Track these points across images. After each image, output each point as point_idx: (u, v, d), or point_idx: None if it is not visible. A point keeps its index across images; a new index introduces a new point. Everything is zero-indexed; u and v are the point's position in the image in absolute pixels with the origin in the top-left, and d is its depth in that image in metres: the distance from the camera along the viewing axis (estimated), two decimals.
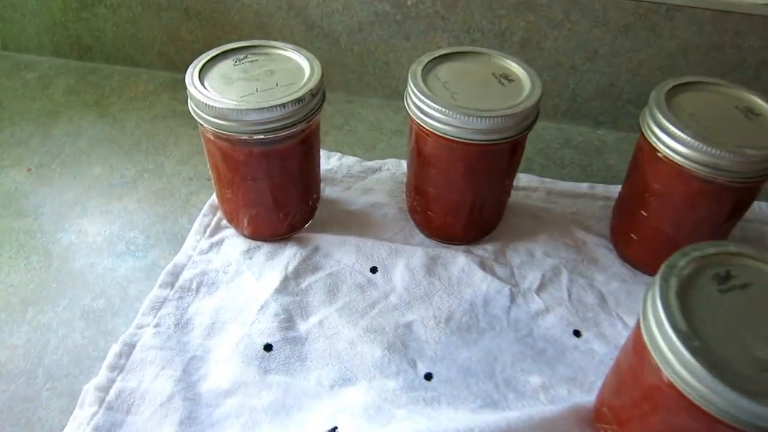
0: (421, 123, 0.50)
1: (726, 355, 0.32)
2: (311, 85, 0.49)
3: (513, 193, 0.62)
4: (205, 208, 0.59)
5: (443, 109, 0.48)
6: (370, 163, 0.65)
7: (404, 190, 0.60)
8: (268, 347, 0.49)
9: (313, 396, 0.46)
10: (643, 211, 0.53)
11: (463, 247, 0.57)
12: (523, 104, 0.49)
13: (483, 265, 0.55)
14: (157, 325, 0.50)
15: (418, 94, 0.49)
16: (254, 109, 0.47)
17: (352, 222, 0.59)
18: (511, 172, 0.55)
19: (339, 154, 0.66)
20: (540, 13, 0.67)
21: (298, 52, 0.53)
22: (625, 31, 0.66)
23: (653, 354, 0.34)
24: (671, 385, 0.33)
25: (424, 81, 0.51)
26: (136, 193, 0.62)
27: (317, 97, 0.50)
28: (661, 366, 0.33)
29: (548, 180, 0.65)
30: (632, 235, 0.55)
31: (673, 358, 0.33)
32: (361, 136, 0.71)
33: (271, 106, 0.47)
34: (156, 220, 0.59)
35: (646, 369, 0.35)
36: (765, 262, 0.37)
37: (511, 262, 0.56)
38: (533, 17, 0.67)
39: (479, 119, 0.47)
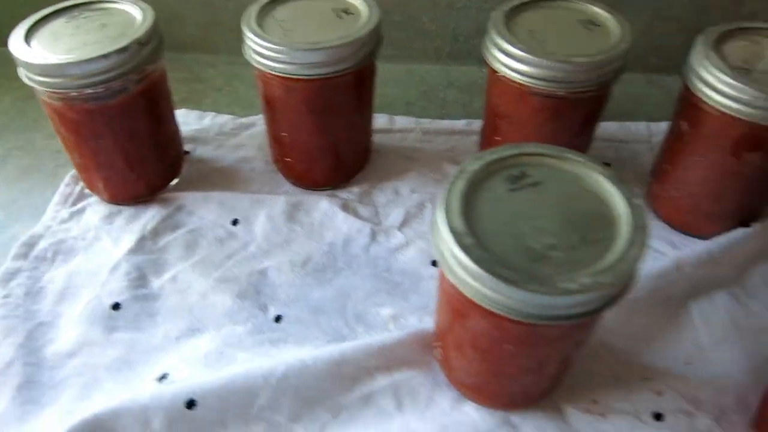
0: (258, 66, 0.49)
1: (499, 249, 0.31)
2: (138, 33, 0.48)
3: (387, 136, 0.61)
4: (67, 178, 0.58)
5: (274, 47, 0.47)
6: (243, 120, 0.64)
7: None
8: (116, 306, 0.48)
9: (159, 349, 0.45)
10: (497, 137, 0.52)
11: (328, 191, 0.56)
12: (358, 33, 0.47)
13: (346, 207, 0.54)
14: (6, 296, 0.49)
15: (251, 35, 0.48)
16: (76, 63, 0.45)
17: (220, 178, 0.58)
18: (361, 109, 0.53)
19: (213, 113, 0.65)
20: None
21: (135, 4, 0.51)
22: None
23: (437, 257, 0.33)
24: (454, 287, 0.32)
25: (260, 23, 0.49)
26: (4, 171, 0.61)
27: (148, 47, 0.49)
28: (443, 269, 0.33)
29: (425, 120, 0.64)
30: None
31: (451, 258, 0.32)
32: (242, 96, 0.70)
33: (92, 58, 0.46)
34: (20, 195, 0.58)
35: (442, 276, 0.35)
36: (563, 160, 0.36)
37: (376, 202, 0.56)
38: None
39: (310, 52, 0.46)
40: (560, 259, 0.31)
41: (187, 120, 0.64)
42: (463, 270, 0.31)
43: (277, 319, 0.47)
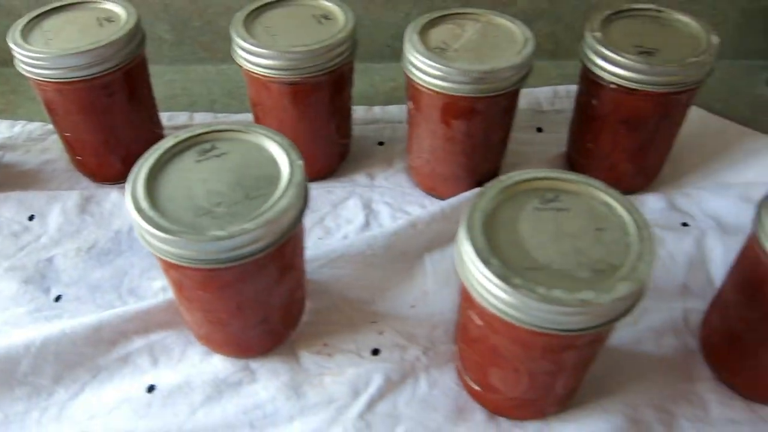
0: (28, 75, 0.54)
1: (171, 209, 0.37)
2: None
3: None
4: None
5: (35, 55, 0.51)
6: (51, 126, 0.69)
7: None
8: None
9: None
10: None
11: (119, 185, 0.61)
12: (111, 38, 0.53)
13: None
14: None
15: (16, 47, 0.53)
16: None
17: (24, 180, 0.63)
18: (138, 107, 0.59)
19: (24, 121, 0.70)
20: None
21: None
22: None
23: None
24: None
25: (25, 36, 0.54)
26: None
27: None
28: None
29: (222, 116, 0.70)
30: None
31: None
32: None
33: None
34: None
35: None
36: (249, 133, 0.42)
37: None
38: None
39: (67, 58, 0.51)
40: (222, 213, 0.37)
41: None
42: (150, 235, 0.37)
43: (57, 298, 0.52)
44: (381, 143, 0.67)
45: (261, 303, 0.42)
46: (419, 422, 0.44)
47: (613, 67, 0.51)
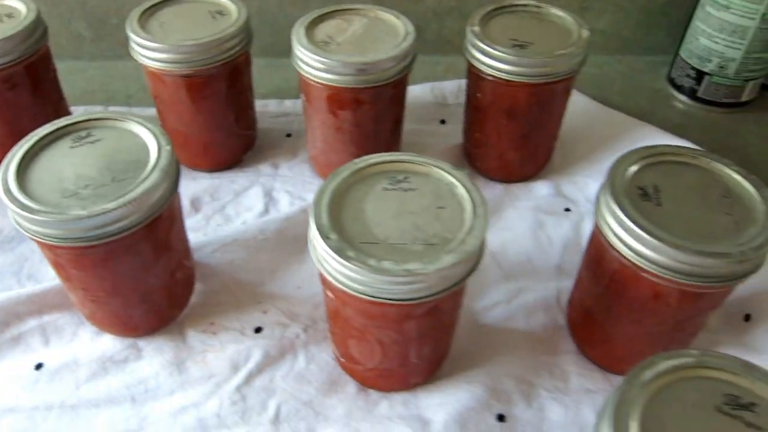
0: None
1: (40, 193, 0.39)
2: None
3: None
4: None
5: None
6: None
7: None
8: None
9: None
10: (160, 120, 0.61)
11: None
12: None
13: None
14: None
15: None
16: None
17: None
18: (23, 104, 0.60)
19: None
20: None
21: None
22: None
23: None
24: None
25: None
26: None
27: None
28: None
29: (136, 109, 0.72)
30: None
31: None
32: None
33: None
34: None
35: None
36: (125, 121, 0.44)
37: None
38: None
39: None
40: (88, 195, 0.40)
41: None
42: (18, 216, 0.39)
43: None
44: (289, 135, 0.69)
45: (137, 282, 0.44)
46: (292, 395, 0.46)
47: (489, 60, 0.54)
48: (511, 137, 0.59)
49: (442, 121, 0.71)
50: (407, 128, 0.67)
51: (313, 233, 0.37)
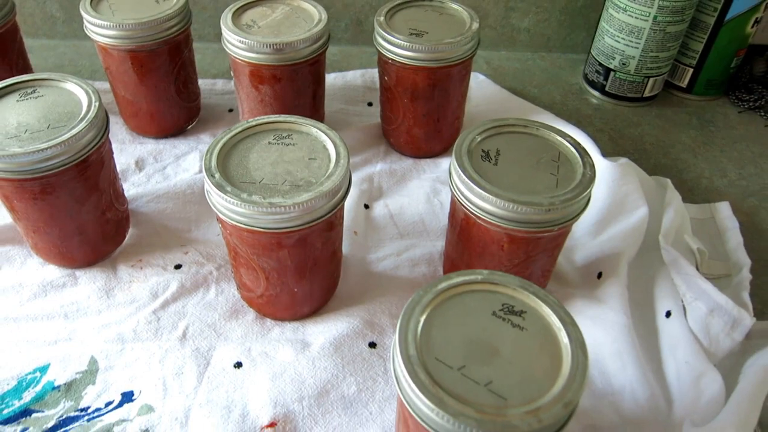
0: None
1: None
2: None
3: None
4: None
5: None
6: None
7: None
8: None
9: None
10: (114, 90, 0.70)
11: None
12: None
13: None
14: None
15: None
16: None
17: None
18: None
19: None
20: None
21: None
22: None
23: None
24: None
25: None
26: None
27: None
28: None
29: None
30: None
31: None
32: None
33: None
34: None
35: None
36: (61, 81, 0.53)
37: None
38: None
39: None
40: (26, 138, 0.49)
41: None
42: None
43: None
44: (231, 110, 0.78)
45: (71, 216, 0.53)
46: (200, 318, 0.55)
47: (391, 46, 0.63)
48: (415, 116, 0.68)
49: (369, 104, 0.80)
50: (336, 107, 0.76)
51: (204, 175, 0.46)
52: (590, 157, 0.50)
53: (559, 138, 0.52)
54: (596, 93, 0.86)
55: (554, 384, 0.35)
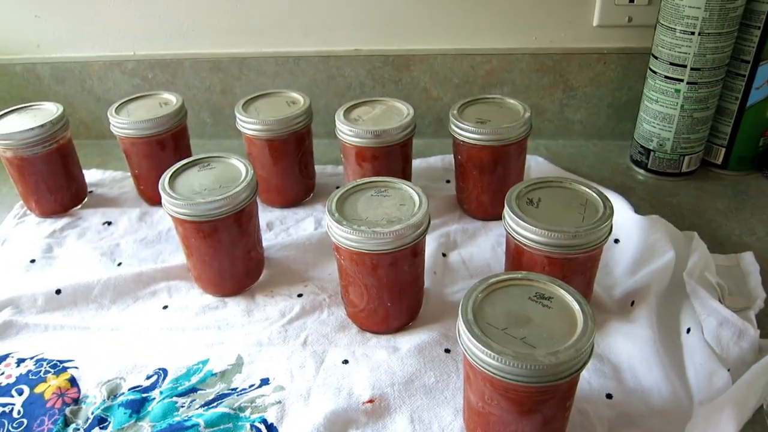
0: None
1: (183, 191, 0.71)
2: None
3: None
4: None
5: None
6: None
7: None
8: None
9: None
10: None
11: None
12: None
13: None
14: None
15: None
16: None
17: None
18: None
19: None
20: None
21: None
22: None
23: None
24: None
25: None
26: None
27: None
28: None
29: None
30: None
31: None
32: None
33: None
34: None
35: None
36: (231, 158, 0.76)
37: None
38: None
39: None
40: (206, 193, 0.71)
41: None
42: None
43: (119, 264, 0.86)
44: (338, 187, 0.99)
45: (228, 251, 0.74)
46: (316, 331, 0.73)
47: (462, 131, 0.83)
48: (482, 185, 0.86)
49: (447, 181, 1.00)
50: (421, 184, 0.95)
51: (327, 215, 0.66)
52: (610, 202, 0.66)
53: (587, 189, 0.69)
54: (641, 170, 1.02)
55: (570, 339, 0.50)
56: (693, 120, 0.93)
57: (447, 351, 0.69)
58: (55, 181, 0.92)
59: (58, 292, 0.78)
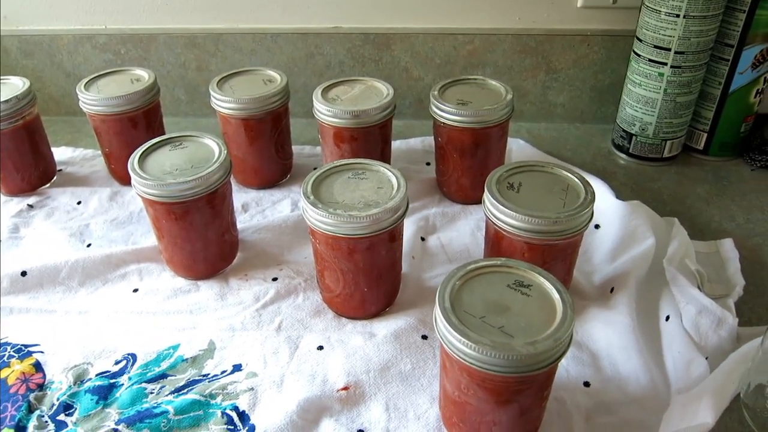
0: None
1: (154, 172, 0.69)
2: None
3: None
4: None
5: None
6: None
7: None
8: None
9: None
10: None
11: None
12: None
13: None
14: None
15: None
16: None
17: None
18: None
19: None
20: None
21: None
22: None
23: None
24: None
25: None
26: None
27: None
28: None
29: None
30: None
31: None
32: None
33: None
34: None
35: None
36: (200, 137, 0.74)
37: None
38: None
39: None
40: (177, 174, 0.68)
41: None
42: None
43: (88, 245, 0.83)
44: (315, 168, 0.97)
45: (201, 234, 0.71)
46: (291, 315, 0.72)
47: (443, 113, 0.81)
48: (461, 169, 0.84)
49: (427, 163, 0.98)
50: (400, 166, 0.94)
51: (302, 198, 0.64)
52: (591, 187, 0.65)
53: (569, 174, 0.67)
54: (622, 155, 1.01)
55: (549, 329, 0.49)
56: (676, 104, 0.92)
57: (424, 337, 0.68)
58: (22, 158, 0.89)
59: (23, 273, 0.75)
